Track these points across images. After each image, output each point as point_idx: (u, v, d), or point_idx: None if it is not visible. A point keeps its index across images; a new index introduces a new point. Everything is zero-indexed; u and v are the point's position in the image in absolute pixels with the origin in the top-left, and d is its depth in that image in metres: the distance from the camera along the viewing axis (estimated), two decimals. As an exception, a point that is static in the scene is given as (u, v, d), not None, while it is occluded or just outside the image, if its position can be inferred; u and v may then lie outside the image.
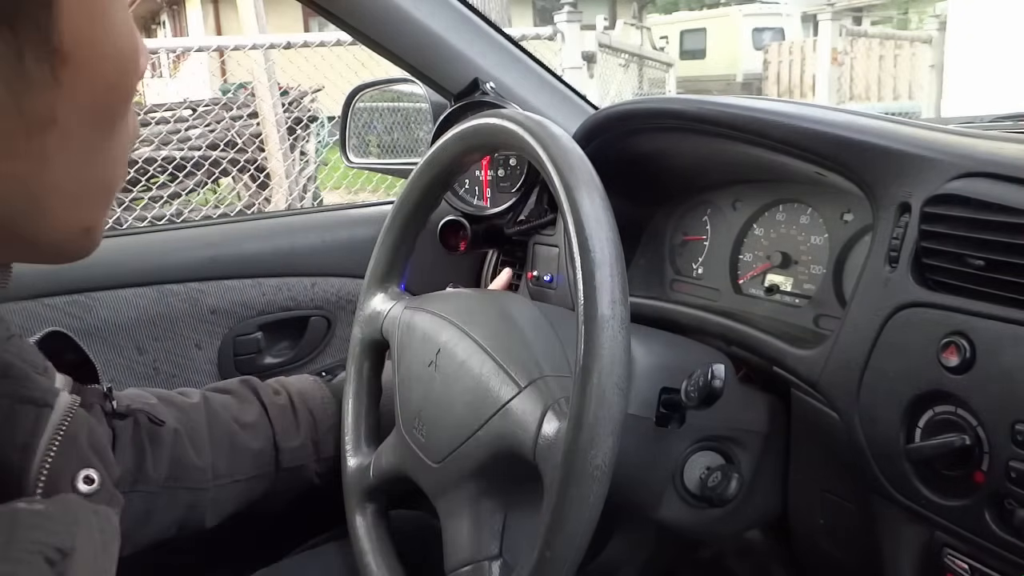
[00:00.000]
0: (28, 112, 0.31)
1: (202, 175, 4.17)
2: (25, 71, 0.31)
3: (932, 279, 0.58)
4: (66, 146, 0.33)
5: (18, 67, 0.30)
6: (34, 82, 0.31)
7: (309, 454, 0.82)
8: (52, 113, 0.32)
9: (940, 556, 0.59)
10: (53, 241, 0.37)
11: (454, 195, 1.08)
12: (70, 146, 0.33)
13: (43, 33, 0.31)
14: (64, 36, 0.31)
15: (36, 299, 0.95)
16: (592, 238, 0.52)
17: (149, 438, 0.70)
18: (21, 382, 0.45)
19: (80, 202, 0.36)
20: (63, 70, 0.32)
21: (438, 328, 0.71)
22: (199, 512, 0.74)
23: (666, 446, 0.68)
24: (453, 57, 0.98)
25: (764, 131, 0.71)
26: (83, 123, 0.34)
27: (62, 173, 0.34)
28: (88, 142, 0.34)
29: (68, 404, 0.47)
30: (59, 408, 0.46)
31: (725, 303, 0.87)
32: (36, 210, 0.34)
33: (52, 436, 0.44)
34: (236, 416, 0.78)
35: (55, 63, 0.31)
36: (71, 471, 0.44)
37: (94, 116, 0.34)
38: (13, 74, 0.30)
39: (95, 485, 0.45)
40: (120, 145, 0.37)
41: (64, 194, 0.35)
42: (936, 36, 7.13)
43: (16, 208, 0.33)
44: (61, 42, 0.31)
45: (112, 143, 0.36)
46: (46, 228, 0.35)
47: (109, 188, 0.38)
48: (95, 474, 0.45)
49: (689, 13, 16.84)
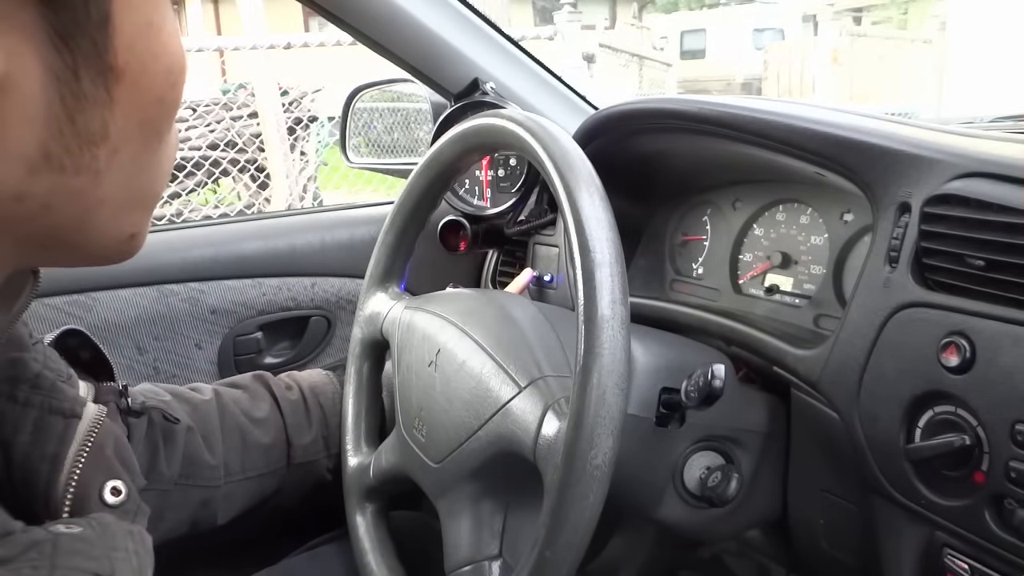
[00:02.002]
0: (82, 128, 0.31)
1: (202, 175, 4.17)
2: (80, 88, 0.31)
3: (932, 279, 0.58)
4: (117, 160, 0.33)
5: (74, 84, 0.30)
6: (88, 99, 0.31)
7: (320, 449, 0.82)
8: (105, 129, 0.32)
9: (940, 556, 0.59)
10: (99, 248, 0.37)
11: (454, 195, 1.08)
12: (121, 160, 0.34)
13: (99, 50, 0.31)
14: (119, 53, 0.31)
15: (36, 299, 0.95)
16: (592, 238, 0.52)
17: (163, 436, 0.70)
18: (50, 392, 0.46)
19: (127, 212, 0.36)
20: (117, 87, 0.32)
21: (438, 328, 0.71)
22: (211, 509, 0.74)
23: (666, 446, 0.68)
24: (453, 57, 0.98)
25: (764, 131, 0.71)
26: (133, 137, 0.34)
27: (112, 186, 0.34)
28: (136, 155, 0.35)
29: (95, 415, 0.48)
30: (86, 419, 0.47)
31: (725, 303, 0.87)
32: (85, 222, 0.34)
33: (80, 447, 0.45)
34: (248, 412, 0.78)
35: (109, 80, 0.31)
36: (98, 482, 0.45)
37: (144, 130, 0.34)
38: (68, 91, 0.30)
39: (122, 496, 0.46)
40: (166, 156, 0.37)
41: (112, 206, 0.35)
42: (936, 36, 7.14)
43: (66, 220, 0.34)
44: (116, 59, 0.31)
45: (159, 155, 0.36)
46: (94, 237, 0.36)
47: (154, 197, 0.38)
48: (122, 485, 0.46)
49: (689, 13, 16.85)
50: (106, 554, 0.36)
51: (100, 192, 0.34)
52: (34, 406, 0.45)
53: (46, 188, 0.32)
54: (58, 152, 0.31)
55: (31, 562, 0.33)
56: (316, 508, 0.87)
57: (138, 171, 0.35)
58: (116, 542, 0.38)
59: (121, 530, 0.39)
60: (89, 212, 0.34)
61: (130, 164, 0.34)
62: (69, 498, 0.43)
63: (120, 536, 0.38)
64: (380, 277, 0.83)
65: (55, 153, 0.31)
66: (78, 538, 0.36)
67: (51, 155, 0.31)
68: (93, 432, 0.46)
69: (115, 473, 0.46)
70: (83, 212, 0.34)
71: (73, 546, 0.35)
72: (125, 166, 0.34)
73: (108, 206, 0.35)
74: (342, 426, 0.82)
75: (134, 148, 0.34)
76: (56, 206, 0.33)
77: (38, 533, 0.34)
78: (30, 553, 0.33)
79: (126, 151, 0.34)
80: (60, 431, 0.45)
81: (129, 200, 0.36)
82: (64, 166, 0.32)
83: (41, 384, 0.46)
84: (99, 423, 0.47)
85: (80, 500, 0.44)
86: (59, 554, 0.34)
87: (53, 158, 0.31)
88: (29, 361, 0.46)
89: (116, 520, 0.39)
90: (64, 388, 0.47)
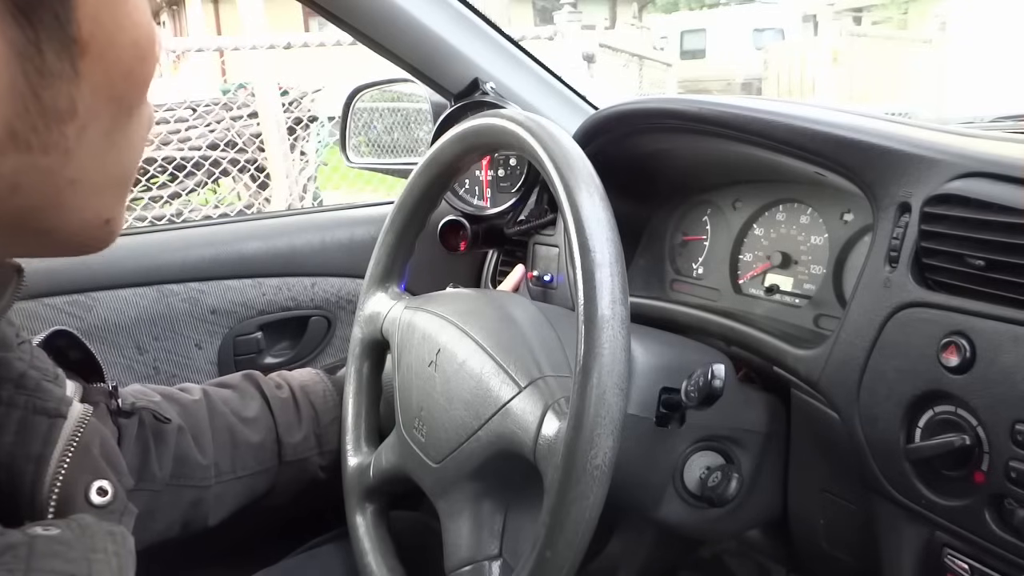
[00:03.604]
0: (48, 105, 0.31)
1: (202, 175, 4.16)
2: (45, 63, 0.30)
3: (932, 279, 0.58)
4: (86, 137, 0.33)
5: (37, 59, 0.30)
6: (53, 74, 0.30)
7: (312, 447, 0.82)
8: (72, 105, 0.31)
9: (940, 556, 0.59)
10: (73, 234, 0.36)
11: (454, 195, 1.08)
12: (90, 137, 0.33)
13: (62, 24, 0.30)
14: (83, 26, 0.31)
15: (36, 299, 0.95)
16: (592, 238, 0.52)
17: (154, 436, 0.70)
18: (35, 392, 0.46)
19: (99, 193, 0.35)
20: (82, 61, 0.31)
21: (438, 328, 0.71)
22: (203, 510, 0.74)
23: (666, 446, 0.68)
24: (453, 57, 0.98)
25: (764, 131, 0.71)
26: (102, 113, 0.33)
27: (82, 165, 0.33)
28: (107, 132, 0.34)
29: (80, 414, 0.47)
30: (72, 418, 0.47)
31: (725, 303, 0.87)
32: (56, 203, 0.34)
33: (65, 447, 0.45)
34: (237, 411, 0.78)
35: (74, 54, 0.31)
36: (84, 483, 0.45)
37: (113, 106, 0.33)
38: (32, 67, 0.30)
39: (108, 497, 0.45)
40: (138, 134, 0.36)
41: (84, 186, 0.34)
42: (936, 36, 7.14)
43: (36, 202, 0.33)
44: (80, 32, 0.30)
45: (130, 132, 0.35)
46: (66, 221, 0.35)
47: (126, 178, 0.37)
48: (108, 485, 0.45)
49: (689, 13, 16.84)
50: (84, 556, 0.36)
51: (70, 171, 0.33)
52: (18, 406, 0.44)
53: (12, 168, 0.31)
54: (24, 130, 0.30)
55: (5, 565, 0.32)
56: (311, 507, 0.87)
57: (109, 149, 0.34)
58: (95, 543, 0.37)
59: (101, 531, 0.38)
60: (60, 192, 0.33)
61: (100, 142, 0.34)
62: (54, 499, 0.43)
63: (100, 537, 0.38)
64: (380, 277, 0.82)
65: (20, 131, 0.30)
66: (55, 540, 0.35)
67: (16, 133, 0.30)
68: (78, 432, 0.46)
69: (101, 473, 0.46)
70: (53, 192, 0.33)
71: (50, 548, 0.34)
72: (95, 144, 0.33)
73: (80, 187, 0.34)
74: (342, 426, 0.82)
75: (104, 125, 0.33)
76: (24, 187, 0.32)
77: (14, 536, 0.34)
78: (5, 556, 0.32)
79: (96, 128, 0.33)
80: (45, 431, 0.45)
81: (102, 180, 0.35)
82: (31, 144, 0.31)
83: (25, 384, 0.45)
84: (84, 422, 0.47)
85: (65, 501, 0.43)
86: (35, 556, 0.33)
87: (19, 136, 0.30)
88: (14, 361, 0.46)
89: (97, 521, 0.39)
90: (49, 388, 0.47)
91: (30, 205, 0.33)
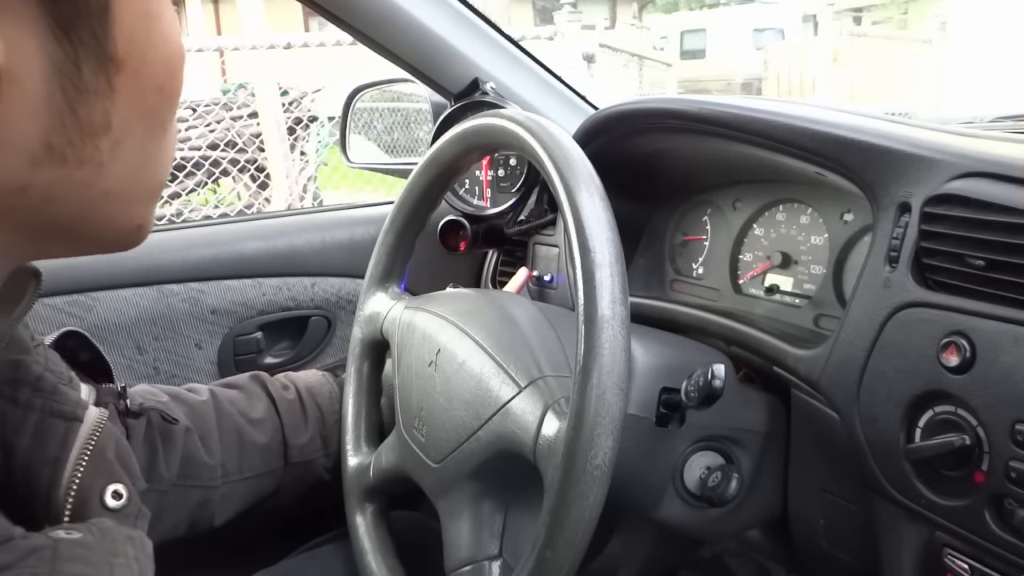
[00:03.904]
0: (84, 119, 0.31)
1: (202, 175, 4.17)
2: (82, 79, 0.31)
3: (932, 279, 0.58)
4: (120, 151, 0.33)
5: (75, 75, 0.30)
6: (90, 90, 0.31)
7: (318, 448, 0.82)
8: (107, 119, 0.32)
9: (940, 556, 0.59)
10: (104, 239, 0.37)
11: (454, 195, 1.08)
12: (124, 151, 0.34)
13: (99, 41, 0.31)
14: (119, 43, 0.31)
15: (36, 299, 0.95)
16: (592, 238, 0.52)
17: (162, 437, 0.70)
18: (51, 395, 0.46)
19: (133, 203, 0.36)
20: (117, 77, 0.32)
21: (438, 328, 0.71)
22: (209, 510, 0.74)
23: (666, 446, 0.68)
24: (453, 57, 0.98)
25: (764, 131, 0.71)
26: (135, 127, 0.34)
27: (116, 177, 0.34)
28: (140, 145, 0.35)
29: (96, 418, 0.48)
30: (88, 422, 0.47)
31: (725, 303, 0.87)
32: (90, 214, 0.34)
33: (81, 451, 0.45)
34: (244, 412, 0.78)
35: (110, 70, 0.31)
36: (100, 486, 0.45)
37: (146, 120, 0.34)
38: (70, 83, 0.30)
39: (123, 500, 0.45)
40: (167, 147, 0.37)
41: (118, 197, 0.35)
42: (936, 36, 7.14)
43: (70, 212, 0.34)
44: (116, 49, 0.31)
45: (160, 146, 0.36)
46: (100, 228, 0.36)
47: (158, 187, 0.38)
48: (123, 489, 0.46)
49: (689, 13, 16.84)
50: (106, 560, 0.36)
51: (104, 183, 0.34)
52: (35, 409, 0.45)
53: (48, 180, 0.32)
54: (60, 144, 0.31)
55: (31, 568, 0.32)
56: (315, 508, 0.87)
57: (142, 162, 0.35)
58: (116, 548, 0.37)
59: (122, 535, 0.39)
60: (95, 204, 0.34)
61: (134, 155, 0.34)
62: (70, 502, 0.43)
63: (121, 542, 0.38)
64: (380, 277, 0.82)
65: (57, 145, 0.31)
66: (78, 544, 0.35)
67: (53, 147, 0.31)
68: (95, 435, 0.46)
69: (116, 477, 0.46)
70: (88, 203, 0.34)
71: (73, 552, 0.35)
72: (129, 157, 0.34)
73: (114, 198, 0.35)
74: (342, 426, 0.82)
75: (137, 138, 0.34)
76: (59, 197, 0.32)
77: (38, 539, 0.34)
78: (30, 559, 0.33)
79: (129, 142, 0.34)
80: (61, 435, 0.45)
81: (136, 191, 0.36)
82: (66, 158, 0.32)
83: (43, 387, 0.46)
84: (100, 426, 0.47)
85: (81, 504, 0.43)
86: (59, 560, 0.34)
87: (55, 150, 0.31)
88: (31, 364, 0.46)
89: (117, 525, 0.39)
90: (65, 391, 0.47)
91: (64, 214, 0.33)
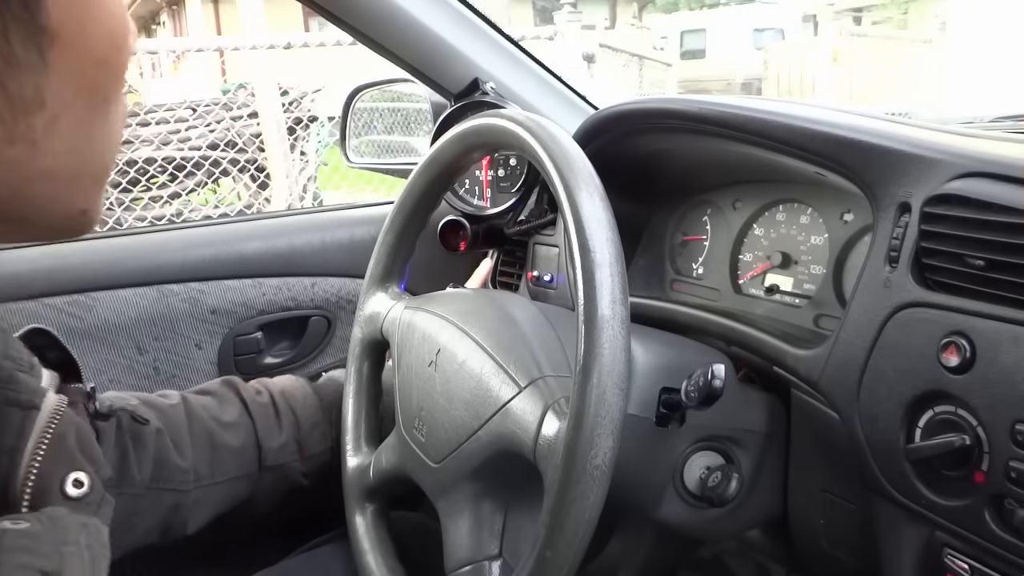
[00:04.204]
0: (15, 95, 0.30)
1: (202, 175, 4.17)
2: (12, 53, 0.29)
3: (932, 279, 0.58)
4: (56, 129, 0.32)
5: (5, 48, 0.29)
6: (21, 64, 0.30)
7: (292, 452, 0.81)
8: (40, 96, 0.31)
9: (940, 556, 0.59)
10: (48, 223, 0.36)
11: (454, 195, 1.08)
12: (60, 129, 0.32)
13: (31, 12, 0.29)
14: (52, 14, 0.30)
15: (36, 299, 0.95)
16: (592, 238, 0.52)
17: (132, 439, 0.69)
18: (7, 383, 0.45)
19: (73, 186, 0.35)
20: (51, 50, 0.30)
21: (438, 328, 0.71)
22: (182, 515, 0.73)
23: (666, 446, 0.68)
24: (453, 57, 0.98)
25: (764, 131, 0.71)
26: (73, 105, 0.32)
27: (53, 157, 0.33)
28: (80, 123, 0.33)
29: (55, 405, 0.46)
30: (46, 410, 0.46)
31: (725, 303, 0.87)
32: (26, 193, 0.33)
33: (39, 439, 0.44)
34: (216, 415, 0.77)
35: (43, 43, 0.30)
36: (60, 474, 0.44)
37: (84, 98, 0.33)
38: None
39: (85, 488, 0.44)
40: (112, 128, 0.36)
41: (57, 177, 0.33)
42: (936, 36, 7.14)
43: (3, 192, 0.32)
44: (49, 21, 0.30)
45: (104, 126, 0.35)
46: (39, 211, 0.34)
47: (104, 170, 0.37)
48: (84, 477, 0.44)
49: (689, 13, 16.84)
50: (56, 549, 0.35)
51: (41, 163, 0.32)
52: None
53: None
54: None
55: None
56: (295, 514, 0.86)
57: (84, 140, 0.34)
58: (67, 536, 0.37)
59: (74, 523, 0.38)
60: (30, 184, 0.33)
61: (73, 133, 0.33)
62: (28, 492, 0.42)
63: (72, 530, 0.37)
64: (380, 277, 0.82)
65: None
66: (24, 534, 0.35)
67: None
68: (53, 423, 0.45)
69: (77, 464, 0.45)
70: (22, 183, 0.32)
71: (18, 543, 0.34)
72: (67, 135, 0.33)
73: (53, 178, 0.33)
74: (342, 426, 0.82)
75: (77, 115, 0.33)
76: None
77: None
78: None
79: (67, 119, 0.32)
80: (18, 423, 0.44)
81: (77, 172, 0.34)
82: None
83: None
84: (59, 413, 0.46)
85: (40, 493, 0.42)
86: (3, 551, 0.33)
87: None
88: None
89: (68, 513, 0.38)
90: (24, 379, 0.46)
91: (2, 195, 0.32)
